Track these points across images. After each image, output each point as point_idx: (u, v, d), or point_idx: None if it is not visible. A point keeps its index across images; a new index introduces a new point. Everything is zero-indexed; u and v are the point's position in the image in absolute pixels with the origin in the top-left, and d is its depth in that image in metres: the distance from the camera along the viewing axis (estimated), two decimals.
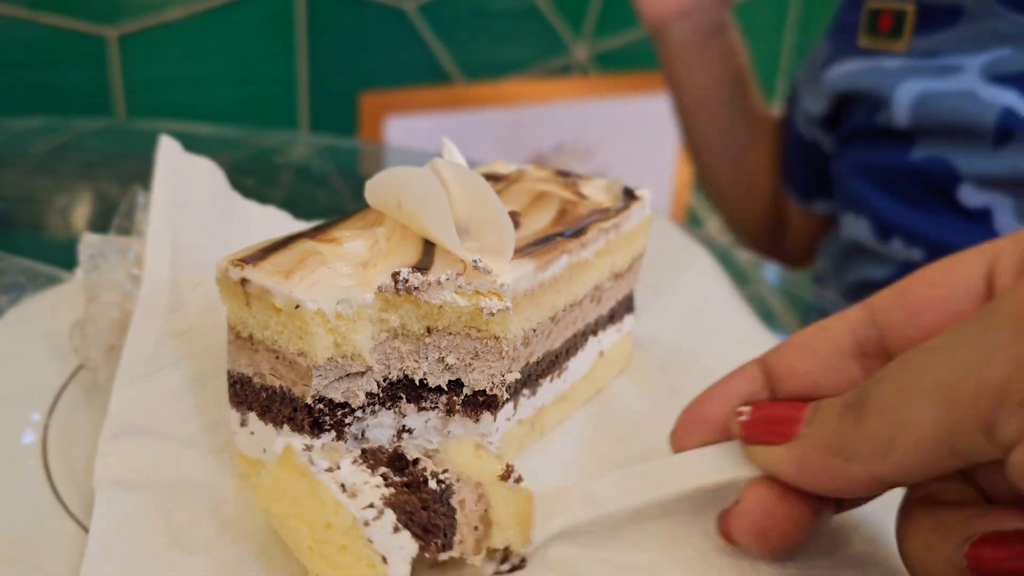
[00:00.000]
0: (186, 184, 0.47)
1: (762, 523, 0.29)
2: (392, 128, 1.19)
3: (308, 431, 0.31)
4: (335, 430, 0.32)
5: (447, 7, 1.17)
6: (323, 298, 0.30)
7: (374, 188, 0.34)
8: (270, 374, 0.32)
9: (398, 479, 0.29)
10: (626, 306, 0.44)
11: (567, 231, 0.37)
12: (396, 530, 0.26)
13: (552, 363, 0.38)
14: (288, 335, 0.31)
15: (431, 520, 0.27)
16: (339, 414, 0.32)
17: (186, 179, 0.48)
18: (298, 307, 0.30)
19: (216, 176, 0.50)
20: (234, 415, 0.34)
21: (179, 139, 0.49)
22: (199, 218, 0.47)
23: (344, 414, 0.32)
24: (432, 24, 1.17)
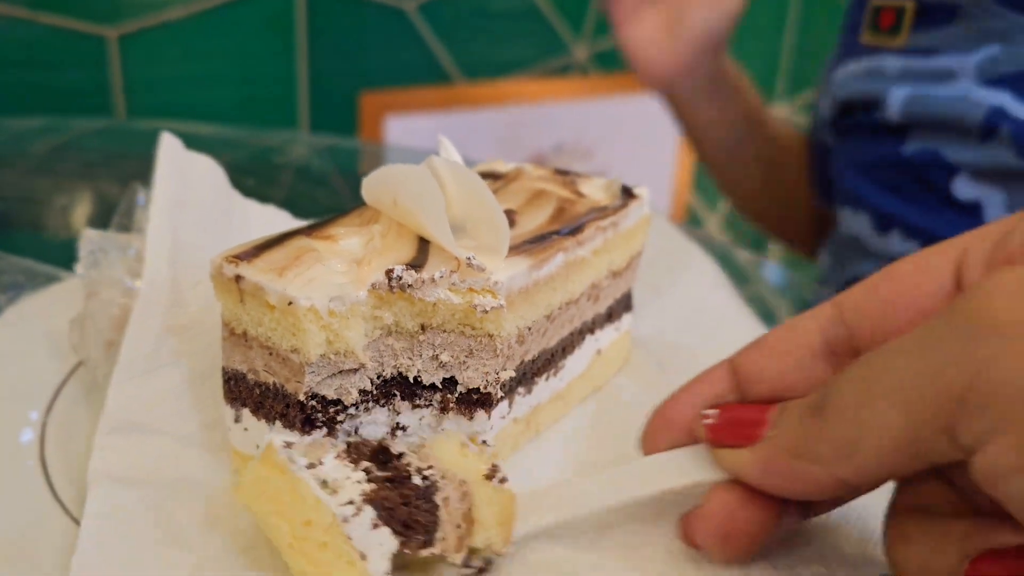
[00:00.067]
0: (187, 181, 0.47)
1: (725, 526, 0.29)
2: (392, 128, 1.19)
3: (299, 428, 0.31)
4: (327, 427, 0.32)
5: (447, 7, 1.17)
6: (316, 295, 0.30)
7: (370, 186, 0.34)
8: (264, 371, 0.32)
9: (381, 474, 0.28)
10: (624, 305, 0.44)
11: (563, 229, 0.37)
12: (375, 527, 0.26)
13: (548, 361, 0.38)
14: (281, 332, 0.31)
15: (412, 516, 0.27)
16: (331, 411, 0.32)
17: (187, 177, 0.48)
18: (291, 304, 0.30)
19: (217, 174, 0.50)
20: (228, 411, 0.34)
21: (179, 139, 0.49)
22: (199, 216, 0.47)
23: (337, 411, 0.32)
24: (432, 24, 1.17)
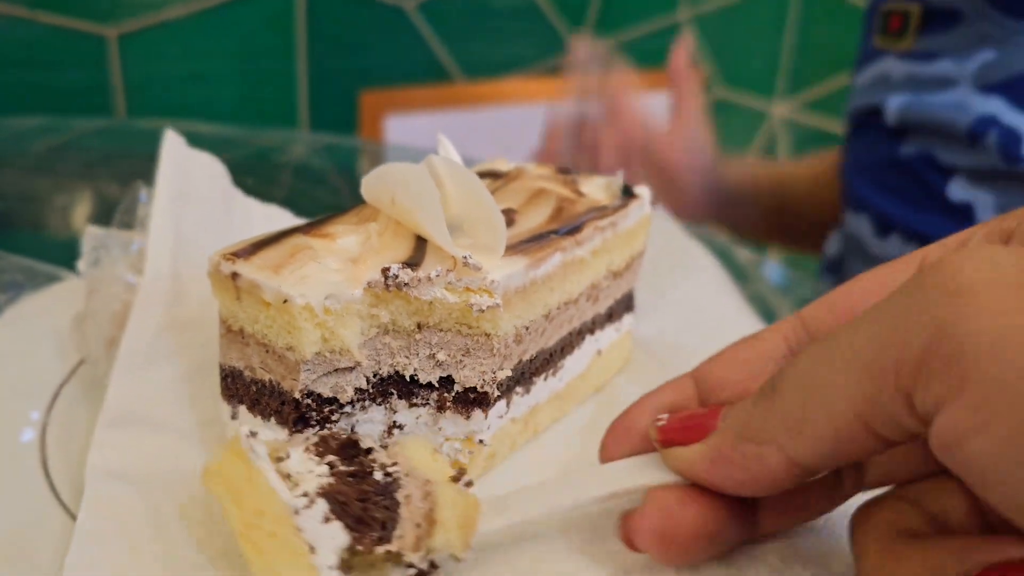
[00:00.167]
0: (190, 179, 0.47)
1: (662, 525, 0.28)
2: (392, 127, 1.19)
3: (292, 425, 0.31)
4: (321, 425, 0.32)
5: (447, 5, 1.17)
6: (312, 293, 0.30)
7: (369, 184, 0.34)
8: (260, 368, 0.32)
9: (344, 469, 0.28)
10: (625, 305, 0.44)
11: (562, 229, 0.36)
12: (327, 520, 0.26)
13: (547, 361, 0.38)
14: (277, 329, 0.31)
15: (368, 512, 0.27)
16: (327, 409, 0.32)
17: (190, 174, 0.48)
18: (286, 302, 0.30)
19: (220, 172, 0.51)
20: (225, 408, 0.34)
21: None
22: (202, 212, 0.47)
23: (332, 410, 0.32)
24: (432, 22, 1.17)
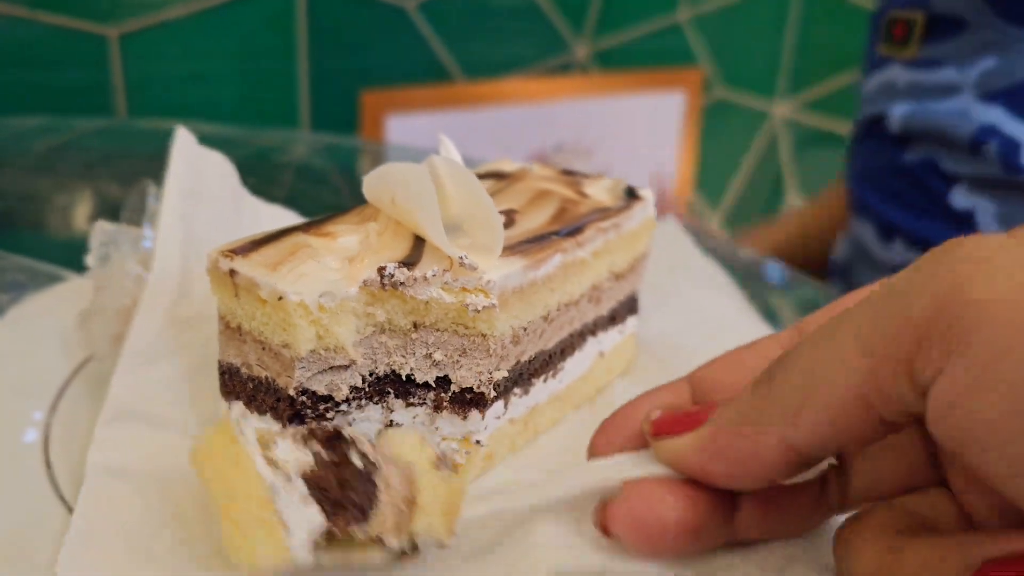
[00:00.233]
0: (200, 177, 0.48)
1: (641, 512, 0.27)
2: (393, 127, 1.19)
3: (287, 422, 0.31)
4: (317, 423, 0.32)
5: (447, 5, 1.17)
6: (307, 290, 0.30)
7: (370, 184, 0.34)
8: (257, 365, 0.32)
9: (328, 457, 0.28)
10: (628, 307, 0.44)
11: (563, 230, 0.36)
12: (304, 502, 0.26)
13: (546, 363, 0.38)
14: (273, 326, 0.31)
15: (346, 495, 0.27)
16: (322, 407, 0.32)
17: (201, 172, 0.48)
18: (281, 299, 0.30)
19: (229, 171, 0.51)
20: (224, 404, 0.34)
21: None
22: (211, 210, 0.47)
23: (327, 407, 0.32)
24: (432, 22, 1.17)
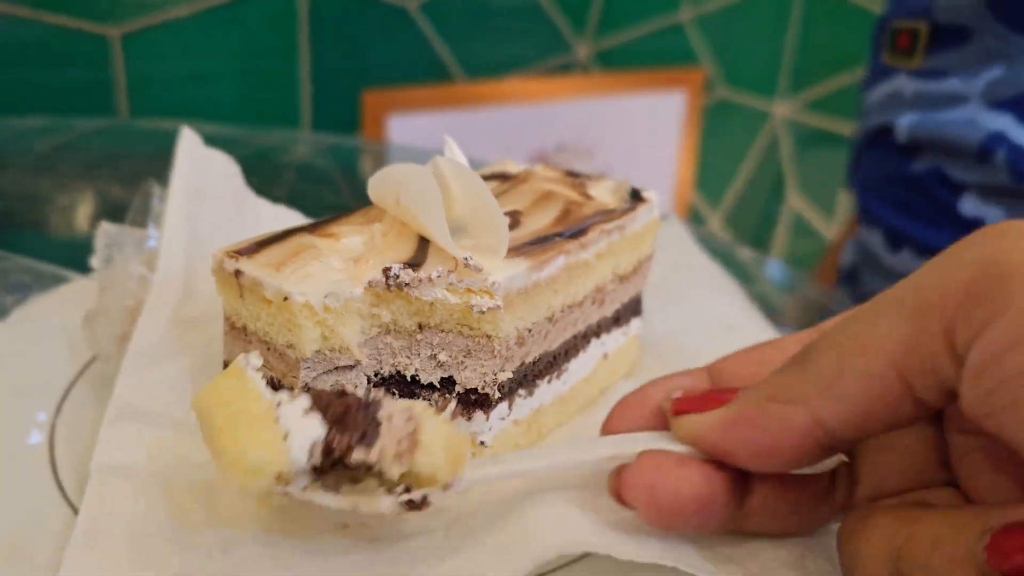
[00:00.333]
0: (205, 177, 0.48)
1: (656, 481, 0.27)
2: (394, 126, 1.19)
3: None
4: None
5: (449, 5, 1.17)
6: (312, 291, 0.30)
7: (375, 184, 0.34)
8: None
9: (331, 389, 0.28)
10: (633, 309, 0.44)
11: (567, 231, 0.36)
12: (306, 413, 0.26)
13: (550, 364, 0.38)
14: (278, 327, 0.31)
15: (349, 417, 0.26)
16: None
17: (205, 172, 0.48)
18: (286, 299, 0.30)
19: (233, 171, 0.51)
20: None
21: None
22: (216, 210, 0.47)
23: None
24: (434, 22, 1.17)
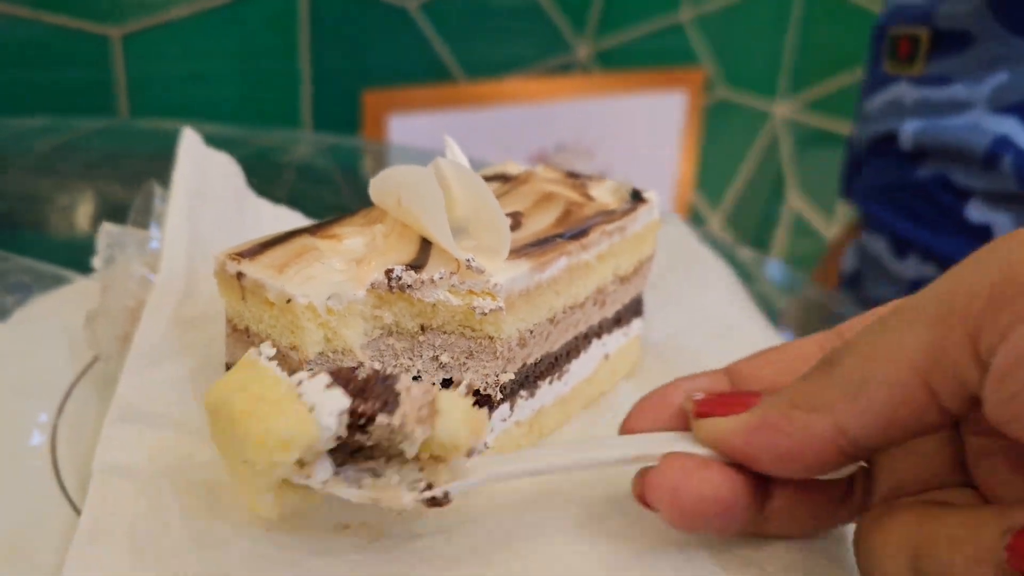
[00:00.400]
0: (207, 178, 0.48)
1: (680, 482, 0.27)
2: (394, 126, 1.19)
3: None
4: None
5: (449, 5, 1.17)
6: (315, 293, 0.30)
7: (377, 186, 0.34)
8: None
9: (356, 382, 0.28)
10: (634, 310, 0.44)
11: (568, 232, 0.36)
12: (328, 387, 0.26)
13: (552, 365, 0.38)
14: (281, 329, 0.31)
15: (369, 388, 0.26)
16: None
17: (207, 173, 0.48)
18: (289, 301, 0.30)
19: (235, 171, 0.51)
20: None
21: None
22: (217, 210, 0.47)
23: None
24: (434, 22, 1.17)
